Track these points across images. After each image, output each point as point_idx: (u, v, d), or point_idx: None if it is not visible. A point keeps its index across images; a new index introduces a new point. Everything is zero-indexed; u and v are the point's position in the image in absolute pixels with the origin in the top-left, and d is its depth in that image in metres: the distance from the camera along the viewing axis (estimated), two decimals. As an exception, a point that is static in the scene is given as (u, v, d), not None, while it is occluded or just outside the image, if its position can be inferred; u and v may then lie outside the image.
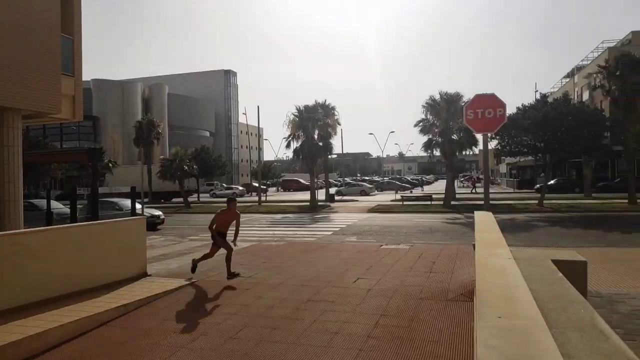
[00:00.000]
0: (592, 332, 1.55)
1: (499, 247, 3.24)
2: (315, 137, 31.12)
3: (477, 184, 49.51)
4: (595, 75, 29.30)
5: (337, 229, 17.91)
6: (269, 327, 5.25)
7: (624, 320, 5.25)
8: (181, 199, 35.00)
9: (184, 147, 39.39)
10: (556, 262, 2.77)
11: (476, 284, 2.20)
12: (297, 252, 10.84)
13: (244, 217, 10.05)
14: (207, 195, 50.80)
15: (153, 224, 18.29)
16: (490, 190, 44.50)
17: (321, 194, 35.69)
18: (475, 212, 6.33)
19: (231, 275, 7.73)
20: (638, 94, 25.76)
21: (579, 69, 54.20)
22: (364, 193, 46.14)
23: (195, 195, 43.69)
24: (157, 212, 19.92)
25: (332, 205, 32.09)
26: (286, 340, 4.81)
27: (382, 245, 12.10)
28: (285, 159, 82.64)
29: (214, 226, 7.83)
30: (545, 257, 2.85)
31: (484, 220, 5.14)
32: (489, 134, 8.53)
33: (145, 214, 17.82)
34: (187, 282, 7.40)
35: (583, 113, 25.03)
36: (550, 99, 28.88)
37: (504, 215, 22.56)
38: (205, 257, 7.97)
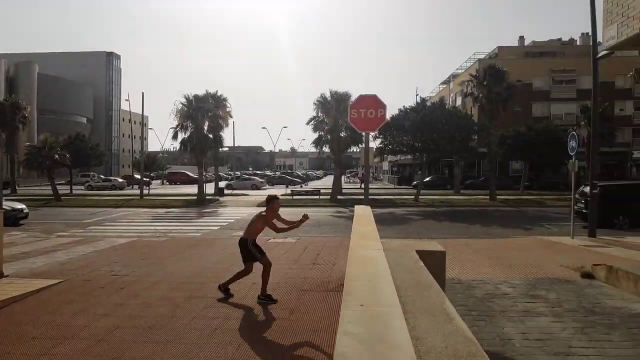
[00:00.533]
0: (440, 315, 1.71)
1: (372, 240, 3.43)
2: (205, 128, 30.16)
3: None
4: (467, 83, 32.47)
5: (225, 224, 17.60)
6: (144, 327, 4.98)
7: (478, 303, 5.92)
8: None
9: (56, 134, 35.50)
10: (420, 253, 3.02)
11: (346, 274, 2.30)
12: (180, 248, 10.44)
13: (122, 211, 9.39)
14: (83, 187, 46.57)
15: (14, 219, 16.31)
16: (373, 186, 46.89)
17: (210, 188, 34.75)
18: (355, 206, 6.64)
19: (266, 297, 6.03)
20: (500, 102, 29.08)
21: (454, 76, 59.61)
22: (255, 187, 45.94)
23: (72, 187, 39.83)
24: (20, 205, 17.78)
25: (222, 199, 31.44)
26: (162, 340, 4.60)
27: (269, 239, 12.13)
28: (172, 150, 78.96)
29: (253, 237, 6.28)
30: (411, 248, 3.09)
31: (362, 214, 5.41)
32: (370, 133, 9.00)
33: (5, 207, 15.78)
34: (53, 283, 6.71)
35: (455, 117, 27.63)
36: (428, 103, 31.38)
37: (385, 209, 24.05)
38: (240, 275, 6.29)
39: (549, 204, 26.52)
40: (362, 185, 49.00)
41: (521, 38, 58.98)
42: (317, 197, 29.79)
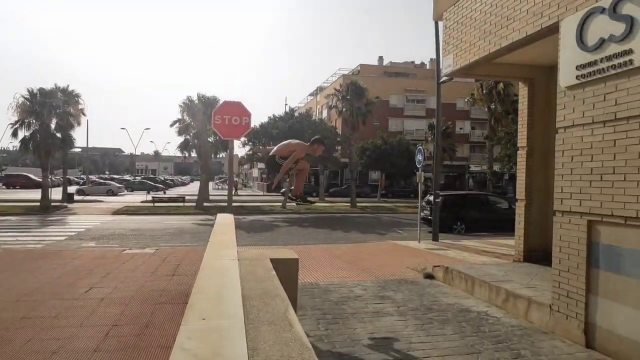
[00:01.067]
0: (281, 323, 1.74)
1: (228, 249, 3.38)
2: (53, 126, 26.94)
3: (240, 187, 51.64)
4: (332, 97, 34.13)
5: (73, 234, 15.88)
6: (-41, 356, 4.24)
7: (333, 306, 6.21)
8: None
9: None
10: (274, 261, 3.07)
11: (194, 286, 2.23)
12: (15, 262, 9.15)
13: None
14: None
15: None
16: (242, 193, 46.33)
17: (58, 193, 31.05)
18: (218, 214, 6.51)
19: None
20: (361, 116, 31.08)
21: (321, 89, 62.18)
22: (112, 193, 42.29)
23: None
24: None
25: (71, 206, 28.32)
26: (-18, 370, 3.96)
27: (124, 250, 11.30)
28: (12, 149, 68.87)
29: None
30: (266, 256, 3.13)
31: (223, 222, 5.33)
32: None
33: None
34: None
35: (321, 128, 28.82)
36: (297, 113, 32.25)
37: (252, 216, 24.02)
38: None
39: (401, 210, 29.06)
40: (237, 192, 48.52)
41: (380, 58, 64.04)
42: (181, 204, 28.55)
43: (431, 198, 15.78)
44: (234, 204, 28.94)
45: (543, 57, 7.21)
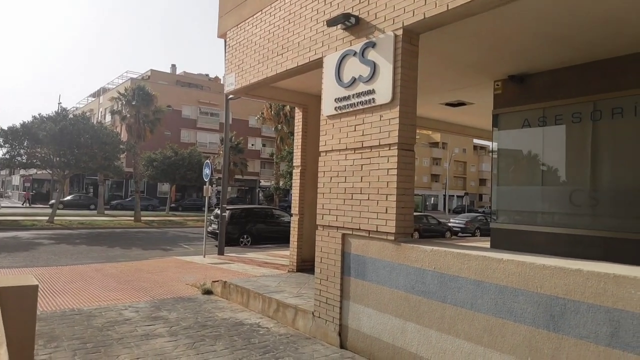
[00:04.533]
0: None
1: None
2: None
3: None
4: (116, 100, 31.41)
5: None
6: None
7: (96, 333, 5.61)
8: None
9: None
10: (3, 289, 2.60)
11: None
12: None
13: None
14: None
15: None
16: (-3, 204, 38.40)
17: None
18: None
19: None
20: (148, 124, 29.41)
21: (104, 90, 56.68)
22: None
23: None
24: None
25: None
26: None
27: None
28: None
29: None
30: (-6, 284, 2.62)
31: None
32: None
33: None
34: None
35: (100, 133, 26.11)
36: (72, 115, 28.54)
37: (7, 232, 20.17)
38: None
39: (191, 224, 28.38)
40: (26, 204, 39.65)
41: (173, 66, 62.10)
42: None
43: (219, 211, 15.83)
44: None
45: (315, 86, 8.02)
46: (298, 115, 9.14)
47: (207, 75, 65.96)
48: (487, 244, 8.04)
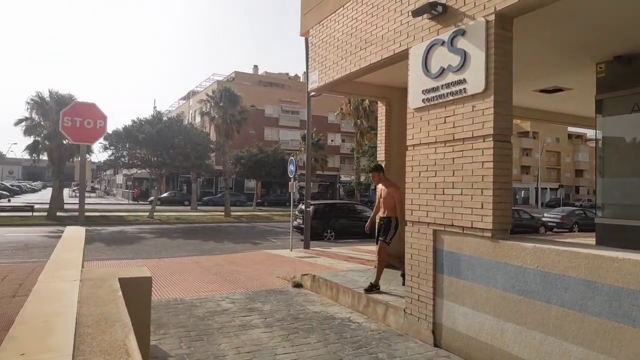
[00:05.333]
0: (116, 352, 1.62)
1: (70, 268, 3.06)
2: None
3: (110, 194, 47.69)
4: (205, 102, 33.24)
5: None
6: None
7: (198, 322, 5.99)
8: None
9: None
10: (123, 281, 2.85)
11: (18, 315, 1.97)
12: None
13: None
14: None
15: None
16: (105, 202, 42.72)
17: None
18: (67, 227, 5.87)
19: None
20: (235, 124, 30.76)
21: (194, 93, 60.18)
22: (-64, 201, 35.82)
23: None
24: None
25: None
26: None
27: (-51, 270, 9.61)
28: None
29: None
30: (114, 276, 2.89)
31: (70, 237, 4.82)
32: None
33: None
34: None
35: (192, 134, 27.81)
36: (166, 117, 30.71)
37: (114, 227, 22.21)
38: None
39: (276, 219, 29.33)
40: (79, 202, 44.26)
41: (255, 67, 64.30)
42: (29, 214, 25.24)
43: (303, 207, 16.19)
44: (95, 214, 26.48)
45: (398, 79, 7.88)
46: (381, 109, 9.05)
47: (287, 74, 67.58)
48: (590, 241, 7.40)
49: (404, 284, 6.18)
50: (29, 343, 1.67)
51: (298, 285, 8.40)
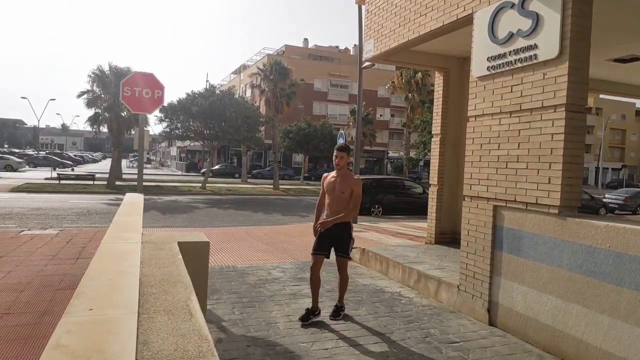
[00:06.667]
0: (180, 313, 1.61)
1: (132, 231, 3.13)
2: None
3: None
4: (255, 75, 33.43)
5: (-39, 212, 14.22)
6: None
7: (250, 289, 6.10)
8: None
9: None
10: (182, 244, 2.89)
11: (86, 272, 2.00)
12: None
13: None
14: None
15: None
16: (160, 172, 44.44)
17: (-58, 167, 27.68)
18: (126, 194, 6.09)
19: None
20: (284, 98, 30.80)
21: (244, 67, 60.71)
22: (10, 168, 38.58)
23: None
24: None
25: (-41, 182, 25.37)
26: None
27: (22, 231, 10.32)
28: None
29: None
30: (173, 239, 2.93)
31: (131, 202, 4.97)
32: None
33: None
34: None
35: (243, 107, 28.14)
36: (218, 91, 31.19)
37: (169, 197, 23.06)
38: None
39: (323, 193, 29.41)
40: (138, 171, 46.26)
41: (305, 40, 63.76)
42: (90, 182, 26.67)
43: (351, 181, 16.08)
44: (150, 184, 27.59)
45: (457, 48, 7.50)
46: (438, 79, 8.69)
47: (337, 47, 66.64)
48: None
49: (332, 317, 5.03)
50: (96, 299, 1.69)
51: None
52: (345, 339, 4.52)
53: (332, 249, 5.05)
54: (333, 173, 5.06)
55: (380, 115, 56.78)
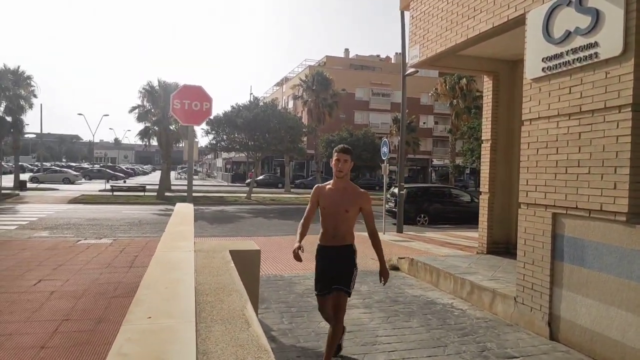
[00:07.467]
0: (237, 322, 1.57)
1: (184, 240, 3.16)
2: (2, 109, 25.56)
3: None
4: (297, 87, 33.83)
5: (25, 223, 15.06)
6: None
7: (298, 299, 6.06)
8: None
9: None
10: (234, 253, 2.89)
11: (142, 280, 2.01)
12: (-45, 253, 8.56)
13: None
14: None
15: None
16: (206, 183, 45.60)
17: (9, 180, 29.55)
18: (177, 204, 6.23)
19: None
20: (326, 108, 30.94)
21: (287, 79, 61.59)
22: (68, 181, 40.69)
23: None
24: None
25: (23, 194, 26.97)
26: None
27: (79, 241, 10.81)
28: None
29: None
30: (225, 248, 2.93)
31: (181, 212, 5.07)
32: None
33: None
34: None
35: (286, 119, 28.48)
36: (261, 103, 31.76)
37: (216, 207, 23.55)
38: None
39: (367, 203, 29.17)
40: (187, 182, 47.72)
41: (346, 50, 63.97)
42: (141, 193, 27.68)
43: (395, 190, 15.85)
44: (198, 194, 28.33)
45: (507, 51, 7.24)
46: (487, 84, 8.42)
47: (378, 56, 66.44)
48: None
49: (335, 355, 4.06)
50: (154, 307, 1.68)
51: (394, 268, 8.20)
52: (397, 351, 4.38)
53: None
54: (330, 184, 3.97)
55: (424, 123, 55.93)
